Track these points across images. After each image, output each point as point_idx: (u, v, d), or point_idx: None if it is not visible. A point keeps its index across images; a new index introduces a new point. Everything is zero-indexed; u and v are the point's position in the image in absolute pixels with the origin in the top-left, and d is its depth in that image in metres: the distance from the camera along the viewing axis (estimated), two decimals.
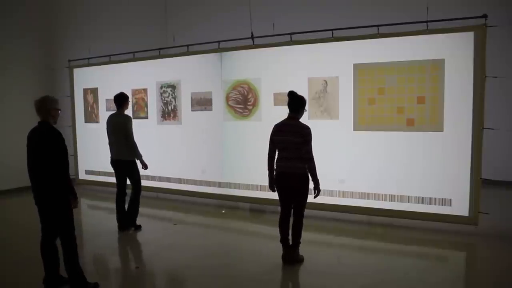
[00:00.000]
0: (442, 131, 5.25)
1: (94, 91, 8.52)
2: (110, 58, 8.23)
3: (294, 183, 4.19)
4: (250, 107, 6.61)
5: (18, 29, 8.17)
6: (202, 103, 7.14)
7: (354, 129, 5.75)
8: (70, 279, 3.73)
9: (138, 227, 5.66)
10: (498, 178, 6.84)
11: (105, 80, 8.35)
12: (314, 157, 4.15)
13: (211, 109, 7.04)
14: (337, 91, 5.85)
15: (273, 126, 4.30)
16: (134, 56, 7.84)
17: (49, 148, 3.58)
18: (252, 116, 6.60)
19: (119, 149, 5.51)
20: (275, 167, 4.29)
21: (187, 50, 7.24)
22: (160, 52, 7.68)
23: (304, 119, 4.38)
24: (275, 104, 6.35)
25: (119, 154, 5.53)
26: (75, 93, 8.83)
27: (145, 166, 5.57)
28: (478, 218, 5.13)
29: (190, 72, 7.24)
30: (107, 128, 5.66)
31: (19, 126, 3.90)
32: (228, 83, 6.80)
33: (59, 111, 3.79)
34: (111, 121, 5.63)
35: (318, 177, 4.15)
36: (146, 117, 7.71)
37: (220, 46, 6.89)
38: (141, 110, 7.77)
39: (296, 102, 4.23)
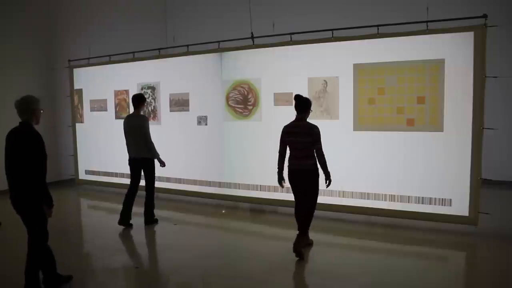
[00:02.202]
0: (442, 131, 5.25)
1: (79, 92, 8.72)
2: (110, 58, 8.24)
3: (305, 179, 4.49)
4: (250, 107, 6.62)
5: (18, 29, 8.16)
6: (180, 103, 7.34)
7: (354, 129, 5.75)
8: (26, 284, 3.55)
9: (156, 221, 5.92)
10: (498, 178, 6.84)
11: (91, 81, 8.54)
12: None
13: (188, 110, 7.23)
14: (337, 91, 5.84)
15: (283, 127, 4.56)
16: (134, 56, 7.85)
17: (28, 150, 3.42)
18: (252, 116, 6.61)
19: (138, 148, 5.64)
20: (287, 165, 4.57)
21: (187, 50, 7.24)
22: (160, 52, 7.69)
23: None
24: (275, 104, 6.36)
25: (139, 153, 5.66)
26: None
27: (163, 164, 5.75)
28: (478, 218, 5.13)
29: (190, 72, 7.24)
30: (124, 129, 5.78)
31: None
32: (228, 83, 6.81)
33: (42, 111, 3.66)
34: (129, 122, 5.75)
35: (328, 170, 4.48)
36: None
37: (220, 46, 6.89)
38: (123, 111, 7.98)
39: (302, 104, 4.49)
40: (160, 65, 7.60)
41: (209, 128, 7.05)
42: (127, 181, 7.48)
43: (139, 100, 5.74)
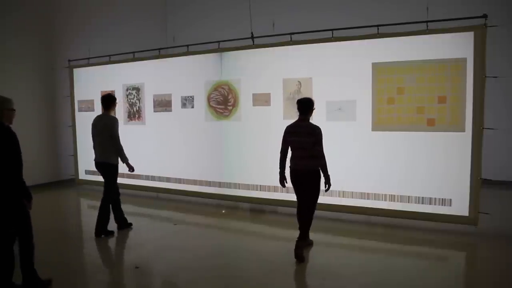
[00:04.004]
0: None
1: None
2: (110, 58, 8.23)
3: (306, 179, 4.49)
4: (230, 108, 6.69)
5: (18, 29, 8.15)
6: (163, 104, 7.52)
7: (372, 129, 5.65)
8: (25, 280, 3.64)
9: (111, 233, 5.46)
10: (498, 178, 6.84)
11: (81, 82, 8.62)
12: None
13: (170, 110, 7.40)
14: (311, 91, 5.90)
15: (286, 127, 4.59)
16: (134, 56, 7.85)
17: (4, 149, 3.43)
18: (232, 116, 6.70)
19: (104, 150, 5.33)
20: (289, 165, 4.58)
21: (187, 50, 7.23)
22: (160, 52, 7.69)
23: (279, 119, 4.80)
24: (254, 105, 6.50)
25: (103, 157, 5.34)
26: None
27: (131, 169, 5.42)
28: (478, 218, 5.13)
29: (190, 72, 7.23)
30: (92, 130, 5.46)
31: (19, 126, 3.86)
32: (210, 84, 6.92)
33: (14, 111, 3.62)
34: (98, 123, 5.42)
35: (328, 173, 4.45)
36: None
37: (220, 46, 6.90)
38: None
39: (305, 106, 4.55)
40: (152, 65, 7.66)
41: (206, 127, 7.06)
42: (126, 181, 7.53)
43: (110, 100, 5.42)
